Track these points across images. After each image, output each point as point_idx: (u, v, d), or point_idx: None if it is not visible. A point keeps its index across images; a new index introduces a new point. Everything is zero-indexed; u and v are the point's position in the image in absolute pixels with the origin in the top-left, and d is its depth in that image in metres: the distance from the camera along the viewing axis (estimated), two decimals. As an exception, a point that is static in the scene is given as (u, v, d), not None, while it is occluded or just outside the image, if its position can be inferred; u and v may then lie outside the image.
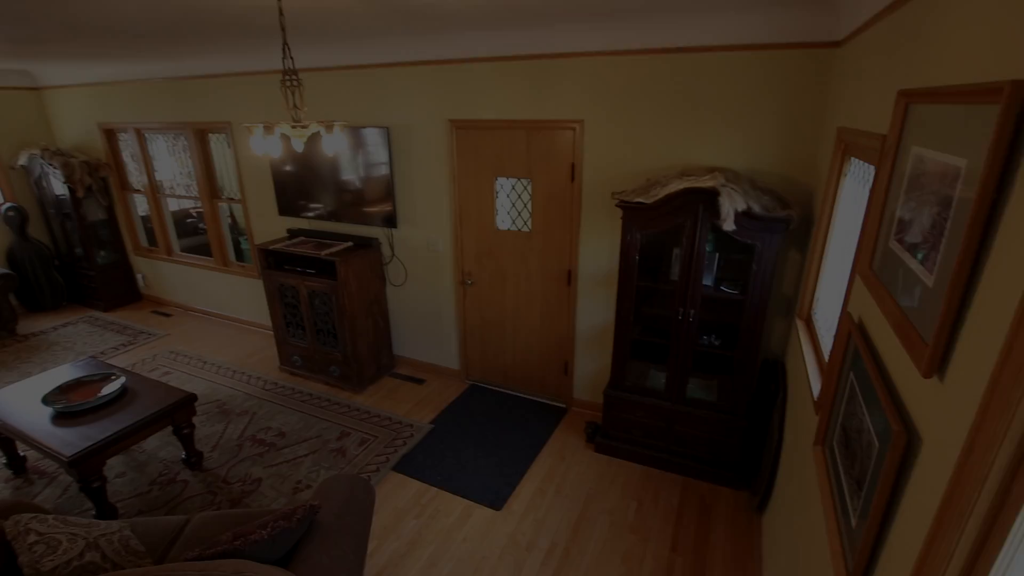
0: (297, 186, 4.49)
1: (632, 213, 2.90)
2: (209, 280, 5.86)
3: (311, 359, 4.50)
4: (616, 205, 2.93)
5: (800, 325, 2.60)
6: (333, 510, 2.23)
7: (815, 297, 2.61)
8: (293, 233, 4.70)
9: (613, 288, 3.58)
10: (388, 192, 4.09)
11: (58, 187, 5.82)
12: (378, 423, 3.93)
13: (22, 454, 3.53)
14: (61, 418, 3.08)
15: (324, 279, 4.09)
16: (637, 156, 3.23)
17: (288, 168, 4.46)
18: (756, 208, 2.58)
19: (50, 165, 5.68)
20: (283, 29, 1.68)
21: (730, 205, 2.51)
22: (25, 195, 6.27)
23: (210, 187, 5.37)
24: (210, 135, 5.22)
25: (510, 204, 3.80)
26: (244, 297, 5.65)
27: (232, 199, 5.35)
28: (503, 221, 3.86)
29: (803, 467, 2.10)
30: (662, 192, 2.73)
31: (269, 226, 5.05)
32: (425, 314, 4.49)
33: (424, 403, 4.21)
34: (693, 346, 3.06)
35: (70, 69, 5.43)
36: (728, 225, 2.53)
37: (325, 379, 4.49)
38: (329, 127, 1.81)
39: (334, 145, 1.90)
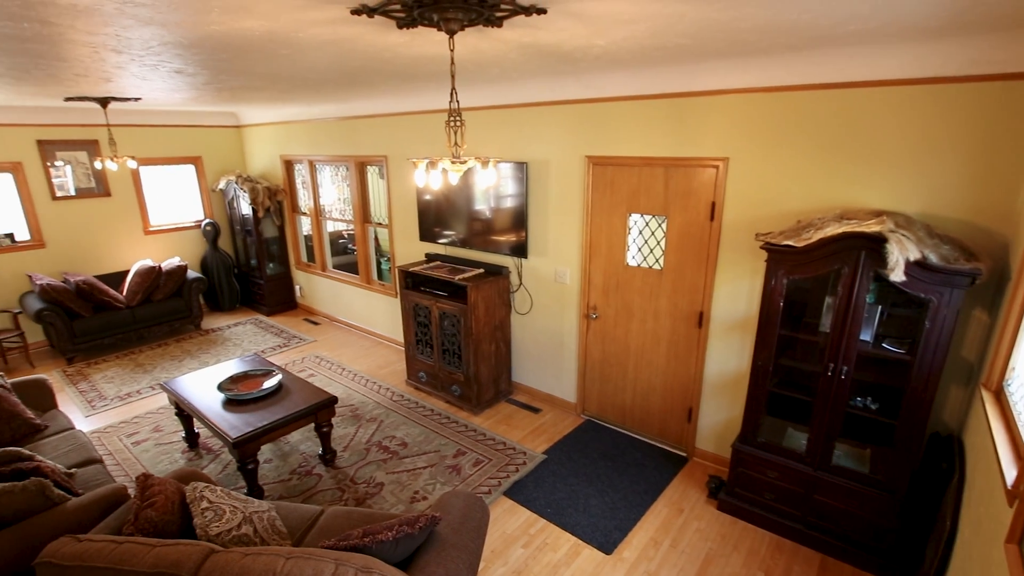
0: (437, 214, 4.85)
1: (779, 256, 2.71)
2: (353, 295, 6.48)
3: (435, 376, 4.74)
4: (761, 247, 2.76)
5: (987, 397, 2.22)
6: (451, 524, 2.30)
7: (1009, 366, 2.21)
8: (430, 257, 5.06)
9: (749, 334, 3.34)
10: (521, 223, 4.25)
11: (244, 208, 6.86)
12: (492, 446, 4.00)
13: (197, 431, 4.11)
14: (230, 404, 3.56)
15: (455, 302, 4.32)
16: (786, 197, 3.03)
17: (430, 198, 4.85)
18: (933, 258, 2.28)
19: (241, 189, 6.75)
20: (452, 76, 1.86)
21: (900, 253, 2.25)
22: (220, 214, 7.49)
23: (363, 212, 5.99)
24: (368, 167, 5.85)
25: (642, 241, 3.75)
26: (381, 313, 6.15)
27: (380, 224, 5.91)
28: (634, 257, 3.82)
29: (986, 567, 1.75)
30: (816, 235, 2.52)
31: (409, 249, 5.48)
32: (546, 344, 4.53)
33: (538, 432, 4.22)
34: (843, 407, 2.74)
35: (263, 111, 6.47)
36: (897, 275, 2.27)
37: (446, 397, 4.70)
38: (485, 163, 1.95)
39: (487, 179, 2.03)
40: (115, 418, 4.54)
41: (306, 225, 7.12)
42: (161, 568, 1.79)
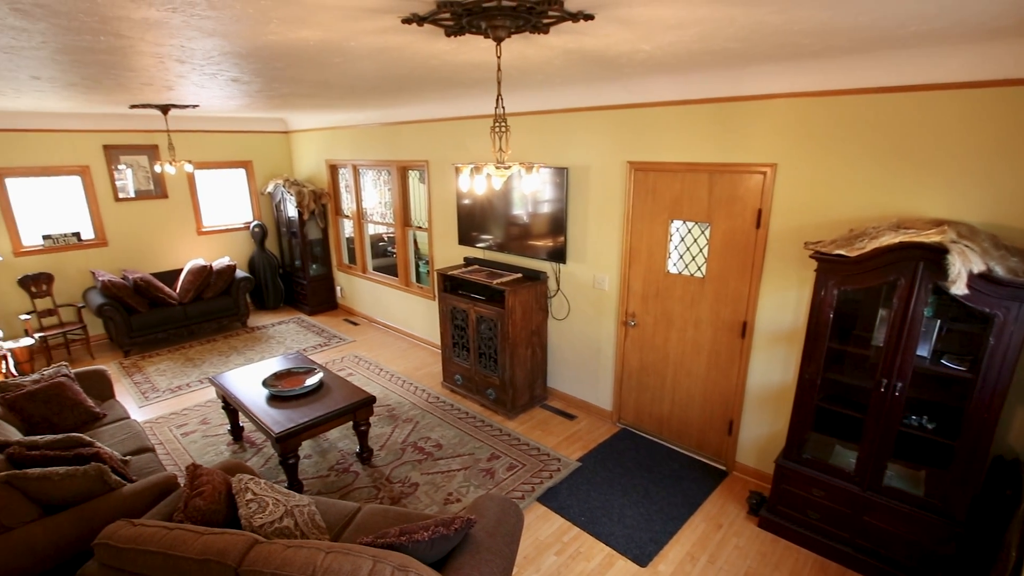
0: (476, 219, 4.89)
1: (829, 266, 2.61)
2: (392, 297, 6.60)
3: (471, 380, 4.77)
4: (810, 256, 2.67)
5: (1059, 420, 2.08)
6: (486, 528, 2.30)
7: (1084, 388, 2.07)
8: (469, 261, 5.10)
9: (795, 346, 3.23)
10: (560, 229, 4.24)
11: (291, 210, 7.09)
12: (527, 451, 4.00)
13: (241, 425, 4.26)
14: (274, 400, 3.67)
15: (492, 306, 4.34)
16: (838, 204, 2.92)
17: (470, 202, 4.90)
18: (999, 271, 2.16)
19: (287, 192, 6.98)
20: (499, 83, 1.88)
21: (963, 265, 2.13)
22: (268, 216, 7.76)
23: (404, 216, 6.10)
24: (409, 171, 5.96)
25: (684, 248, 3.68)
26: (419, 315, 6.24)
27: (420, 227, 6.01)
28: (675, 264, 3.75)
29: (1060, 603, 1.64)
30: (870, 245, 2.42)
31: (448, 253, 5.55)
32: (583, 350, 4.50)
33: (573, 439, 4.18)
34: (896, 426, 2.61)
35: (310, 117, 6.68)
36: (958, 288, 2.15)
37: (481, 400, 4.72)
38: (529, 168, 1.96)
39: (531, 184, 2.05)
40: (166, 409, 4.75)
41: (348, 228, 7.30)
42: (208, 555, 1.86)
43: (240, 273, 6.82)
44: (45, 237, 5.98)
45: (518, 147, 4.50)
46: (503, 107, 1.91)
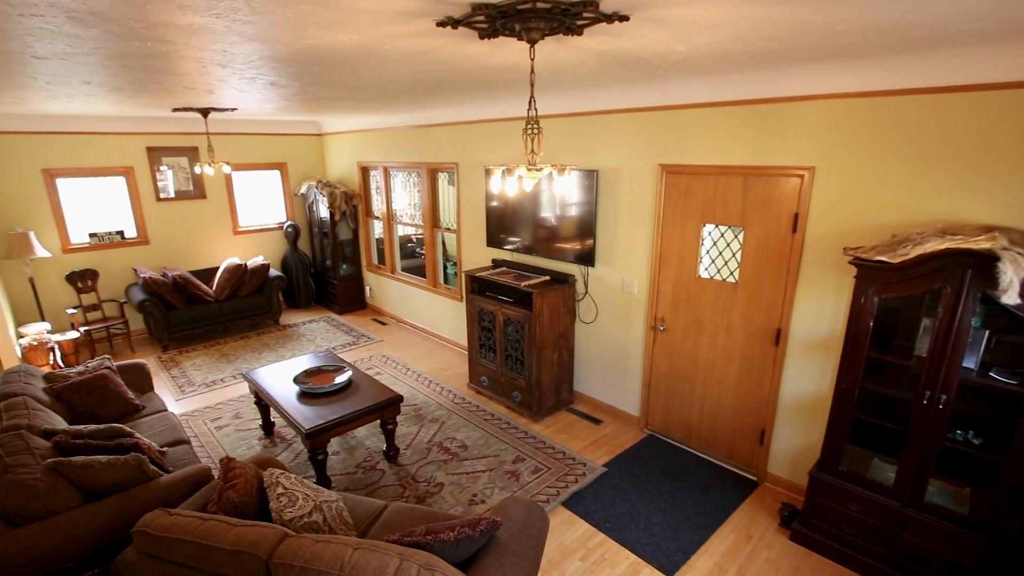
0: (505, 221, 4.90)
1: (870, 273, 2.53)
2: (420, 298, 6.66)
3: (497, 381, 4.77)
4: (850, 262, 2.59)
5: (1120, 439, 1.96)
6: (511, 530, 2.30)
7: None
8: (497, 263, 5.11)
9: (832, 355, 3.14)
10: (589, 232, 4.22)
11: (323, 211, 7.23)
12: (552, 455, 3.98)
13: (272, 420, 4.35)
14: (304, 397, 3.74)
15: (520, 308, 4.34)
16: (880, 209, 2.82)
17: (498, 204, 4.91)
18: (1054, 280, 2.05)
19: (320, 193, 7.12)
20: (532, 85, 1.88)
21: (1015, 273, 2.03)
22: (300, 216, 7.94)
23: (433, 217, 6.16)
24: (439, 173, 6.01)
25: (716, 252, 3.61)
26: (446, 316, 6.28)
27: (448, 229, 6.05)
28: (706, 269, 3.69)
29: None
30: (914, 251, 2.33)
31: (476, 255, 5.57)
32: (610, 355, 4.46)
33: (599, 444, 4.15)
34: (940, 440, 2.51)
35: (343, 120, 6.80)
36: (1010, 298, 2.05)
37: (507, 403, 4.72)
38: (561, 170, 1.95)
39: (563, 186, 2.04)
40: (201, 403, 4.89)
41: (378, 229, 7.40)
42: (241, 547, 1.91)
43: (273, 272, 6.98)
44: (91, 235, 6.24)
45: (547, 149, 4.50)
46: (536, 109, 1.91)
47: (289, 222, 7.59)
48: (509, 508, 2.44)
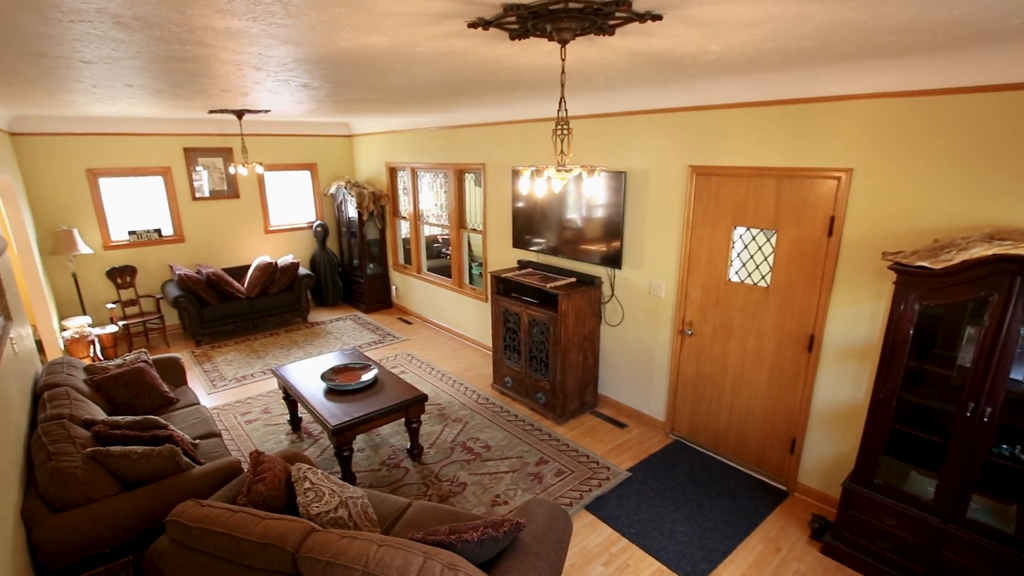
0: (531, 222, 4.89)
1: (910, 279, 2.44)
2: (445, 298, 6.70)
3: (521, 383, 4.76)
4: (889, 268, 2.50)
5: None
6: (534, 533, 2.28)
7: None
8: (523, 264, 5.11)
9: (868, 363, 3.04)
10: (616, 234, 4.18)
11: (351, 211, 7.34)
12: (575, 458, 3.95)
13: (300, 416, 4.43)
14: (331, 393, 3.80)
15: (545, 310, 4.33)
16: (921, 212, 2.72)
17: (524, 206, 4.90)
18: (1113, 289, 1.94)
19: (348, 194, 7.23)
20: (563, 85, 1.87)
21: (1069, 281, 1.93)
22: (329, 216, 8.07)
23: (459, 218, 6.19)
24: (466, 174, 6.04)
25: (747, 256, 3.54)
26: (471, 316, 6.30)
27: (474, 229, 6.07)
28: (736, 273, 3.61)
29: None
30: (958, 257, 2.24)
31: (502, 256, 5.58)
32: (636, 358, 4.41)
33: (623, 448, 4.10)
34: (984, 454, 2.40)
35: (372, 121, 6.89)
36: (1063, 306, 1.95)
37: (530, 404, 4.70)
38: (591, 171, 1.93)
39: (590, 188, 2.02)
40: (231, 397, 5.01)
41: (405, 229, 7.48)
42: (269, 539, 1.94)
43: (302, 270, 7.12)
44: (131, 233, 6.46)
45: (575, 150, 4.47)
46: (566, 110, 1.89)
47: (318, 222, 7.73)
48: (532, 510, 2.43)
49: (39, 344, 4.99)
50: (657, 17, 1.77)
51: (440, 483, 3.68)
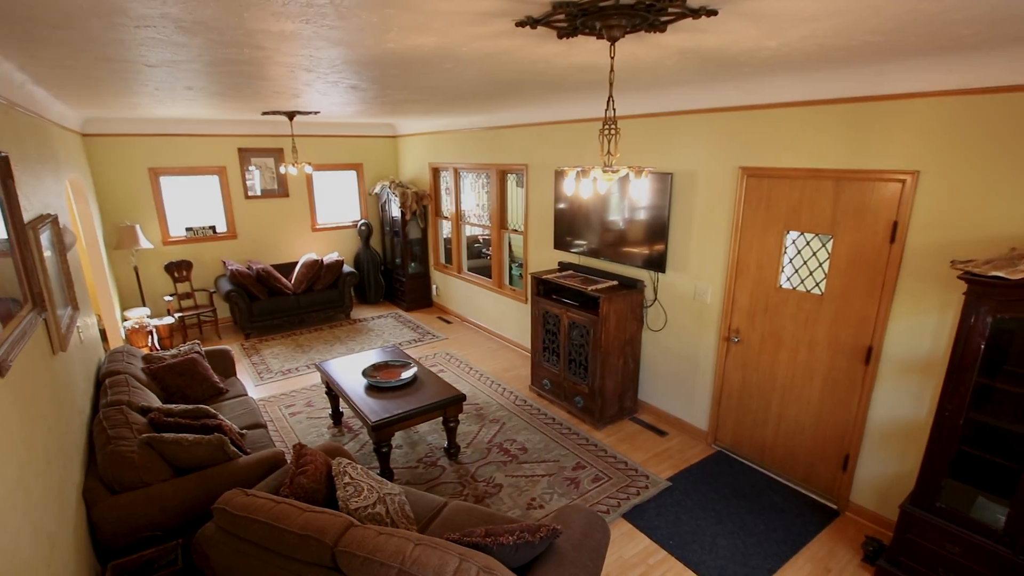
0: (573, 223, 4.84)
1: (983, 290, 2.26)
2: (484, 298, 6.72)
3: (559, 386, 4.72)
4: (959, 277, 2.33)
5: None
6: (570, 540, 2.24)
7: None
8: (563, 266, 5.06)
9: (932, 378, 2.85)
10: (661, 236, 4.08)
11: (394, 211, 7.46)
12: (613, 464, 3.87)
13: (341, 410, 4.52)
14: (372, 390, 3.86)
15: (586, 312, 4.27)
16: (996, 219, 2.53)
17: (566, 207, 4.85)
18: None
19: (392, 194, 7.35)
20: (611, 84, 1.82)
21: None
22: (373, 215, 8.23)
23: (501, 218, 6.19)
24: (508, 175, 6.04)
25: (800, 261, 3.38)
26: (510, 317, 6.30)
27: (515, 230, 6.06)
28: (788, 279, 3.46)
29: None
30: (1039, 267, 2.07)
31: (542, 257, 5.55)
32: (679, 365, 4.29)
33: (663, 457, 4.00)
34: (1064, 482, 2.21)
35: (416, 122, 6.99)
36: None
37: (568, 408, 4.65)
38: (639, 172, 1.88)
39: (635, 189, 1.97)
40: (277, 390, 5.17)
41: (446, 229, 7.55)
42: (309, 532, 1.97)
43: (346, 268, 7.28)
44: (188, 229, 6.77)
45: (620, 151, 4.40)
46: (614, 109, 1.85)
47: (363, 220, 7.89)
48: (569, 516, 2.39)
49: (103, 333, 5.29)
50: (712, 12, 1.71)
51: (476, 483, 3.68)
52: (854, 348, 3.17)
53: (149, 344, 5.79)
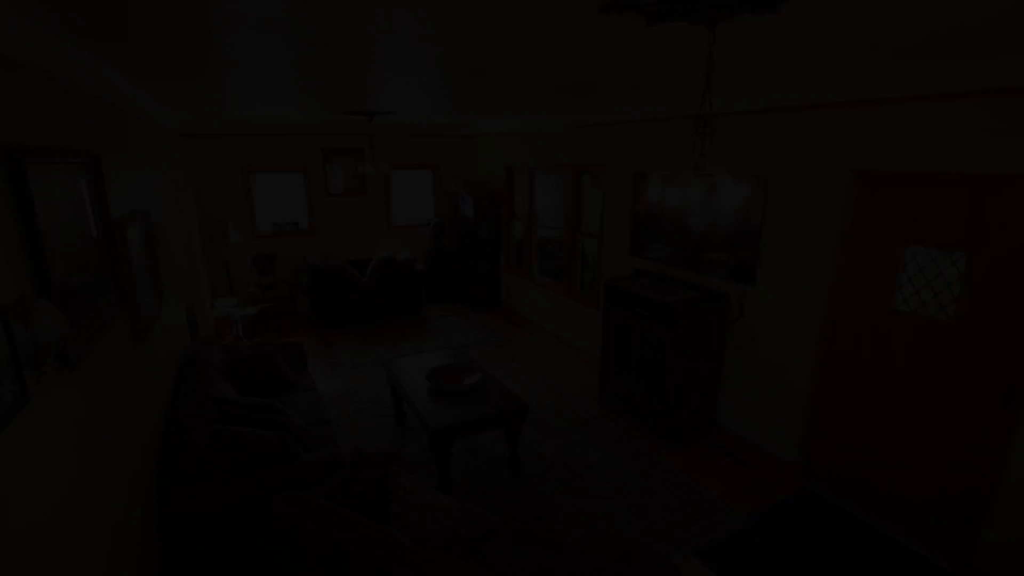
0: (652, 229, 4.53)
1: None
2: (554, 303, 6.52)
3: (630, 401, 4.43)
4: None
5: None
6: (637, 586, 2.01)
7: None
8: (639, 273, 4.76)
9: (1095, 432, 2.33)
10: (750, 246, 3.69)
11: (467, 210, 7.43)
12: (686, 493, 3.55)
13: (404, 411, 4.50)
14: (434, 394, 3.78)
15: (662, 325, 3.96)
16: None
17: (646, 211, 4.54)
18: None
19: (466, 193, 7.32)
20: (708, 75, 1.58)
21: None
22: (446, 214, 8.27)
23: (575, 221, 5.97)
24: (583, 176, 5.80)
25: (923, 281, 2.90)
26: (580, 325, 6.06)
27: (590, 234, 5.81)
28: (906, 300, 2.99)
29: None
30: None
31: (617, 263, 5.27)
32: (766, 388, 3.87)
33: (742, 489, 3.62)
34: None
35: (492, 122, 6.91)
36: None
37: (638, 426, 4.35)
38: (736, 176, 1.62)
39: (726, 194, 1.71)
40: (343, 385, 5.25)
41: (518, 230, 7.42)
42: (358, 546, 1.88)
43: (417, 267, 7.34)
44: (274, 224, 7.09)
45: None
46: (710, 103, 1.60)
47: (436, 220, 7.94)
48: (636, 562, 2.15)
49: (193, 322, 5.62)
50: (839, -17, 1.42)
51: (535, 500, 3.50)
52: (989, 384, 2.67)
53: (234, 334, 6.10)
